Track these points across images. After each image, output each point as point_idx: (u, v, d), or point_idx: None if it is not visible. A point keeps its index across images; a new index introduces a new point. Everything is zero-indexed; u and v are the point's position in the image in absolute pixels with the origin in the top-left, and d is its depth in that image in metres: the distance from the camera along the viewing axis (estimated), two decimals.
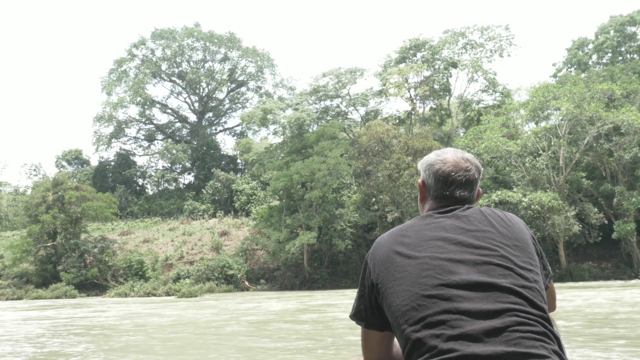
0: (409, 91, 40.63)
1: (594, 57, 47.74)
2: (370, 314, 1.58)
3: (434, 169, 1.69)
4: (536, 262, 1.53)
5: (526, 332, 1.31)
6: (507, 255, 1.46)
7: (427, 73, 41.10)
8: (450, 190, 1.66)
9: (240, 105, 65.98)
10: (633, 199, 28.90)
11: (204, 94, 64.59)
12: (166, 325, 13.54)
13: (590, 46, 47.52)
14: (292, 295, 27.46)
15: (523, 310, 1.35)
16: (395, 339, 1.63)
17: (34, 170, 63.36)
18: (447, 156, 1.70)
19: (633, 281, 26.84)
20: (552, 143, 31.01)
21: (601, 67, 44.27)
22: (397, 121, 44.56)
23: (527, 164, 31.21)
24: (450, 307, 1.34)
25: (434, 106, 44.88)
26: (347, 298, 21.98)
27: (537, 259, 1.55)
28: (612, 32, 45.41)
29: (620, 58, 45.49)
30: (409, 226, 1.59)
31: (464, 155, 1.71)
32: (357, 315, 1.62)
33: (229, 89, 65.49)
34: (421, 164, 1.76)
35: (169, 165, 60.17)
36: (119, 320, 15.69)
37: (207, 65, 64.46)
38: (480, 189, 1.74)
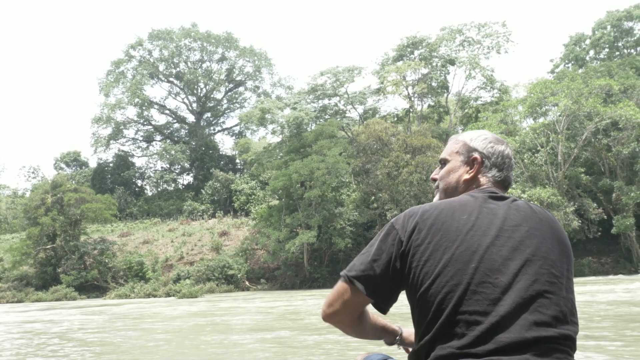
0: (406, 89, 40.63)
1: (591, 52, 47.75)
2: (379, 283, 1.37)
3: (498, 148, 1.52)
4: (572, 271, 1.42)
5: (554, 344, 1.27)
6: (555, 261, 1.35)
7: (424, 70, 41.12)
8: (504, 176, 1.53)
9: (238, 105, 65.97)
10: (632, 194, 28.94)
11: (201, 94, 64.52)
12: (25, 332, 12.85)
13: (588, 42, 47.51)
14: (267, 296, 27.06)
15: (560, 322, 1.29)
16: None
17: (33, 172, 63.36)
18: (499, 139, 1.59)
19: (634, 276, 26.88)
20: (551, 139, 31.01)
21: (598, 62, 44.28)
22: (396, 119, 44.55)
23: (525, 160, 31.22)
24: (489, 309, 1.26)
25: (432, 103, 44.88)
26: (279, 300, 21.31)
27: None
28: (609, 27, 45.38)
29: (617, 53, 45.49)
30: (460, 204, 1.40)
31: None
32: (362, 278, 1.37)
33: (227, 89, 65.44)
34: (474, 139, 1.56)
35: (168, 166, 60.13)
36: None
37: (204, 65, 64.41)
38: None
